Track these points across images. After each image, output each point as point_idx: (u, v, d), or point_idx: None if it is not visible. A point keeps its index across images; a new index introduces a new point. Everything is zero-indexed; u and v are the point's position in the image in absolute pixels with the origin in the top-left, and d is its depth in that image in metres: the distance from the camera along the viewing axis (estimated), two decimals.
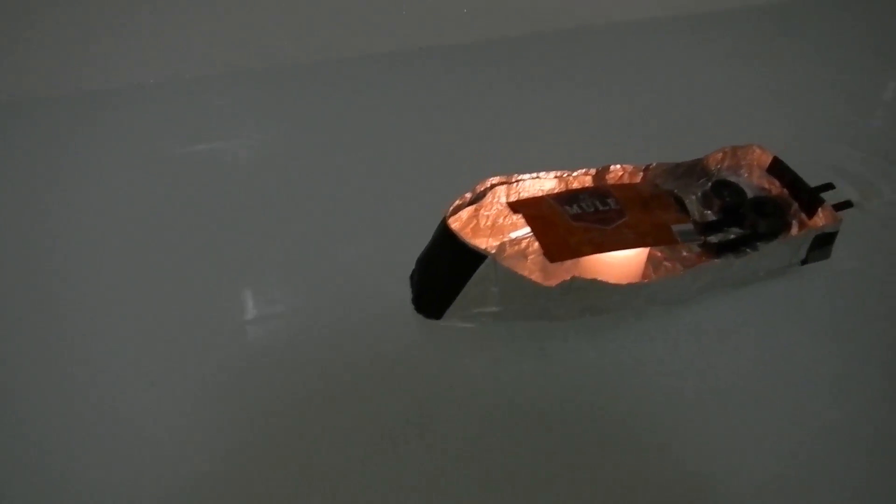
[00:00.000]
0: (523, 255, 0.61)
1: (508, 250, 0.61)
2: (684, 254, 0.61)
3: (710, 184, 0.65)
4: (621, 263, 0.58)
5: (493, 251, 0.60)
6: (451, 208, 0.56)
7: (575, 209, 0.56)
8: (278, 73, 0.88)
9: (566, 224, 0.55)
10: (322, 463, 0.49)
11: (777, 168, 0.63)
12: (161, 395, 0.53)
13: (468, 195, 0.57)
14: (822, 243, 0.60)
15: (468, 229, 0.59)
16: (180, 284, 0.61)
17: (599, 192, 0.59)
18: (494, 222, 0.60)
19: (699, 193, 0.65)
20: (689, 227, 0.58)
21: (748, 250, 0.60)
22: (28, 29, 0.79)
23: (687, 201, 0.64)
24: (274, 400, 0.53)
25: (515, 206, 0.57)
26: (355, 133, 0.79)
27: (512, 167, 0.60)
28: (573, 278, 0.53)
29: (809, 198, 0.60)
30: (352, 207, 0.69)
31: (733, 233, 0.63)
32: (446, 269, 0.54)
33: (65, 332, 0.57)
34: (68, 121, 0.79)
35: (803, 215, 0.61)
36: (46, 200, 0.70)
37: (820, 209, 0.60)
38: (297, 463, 0.49)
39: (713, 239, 0.62)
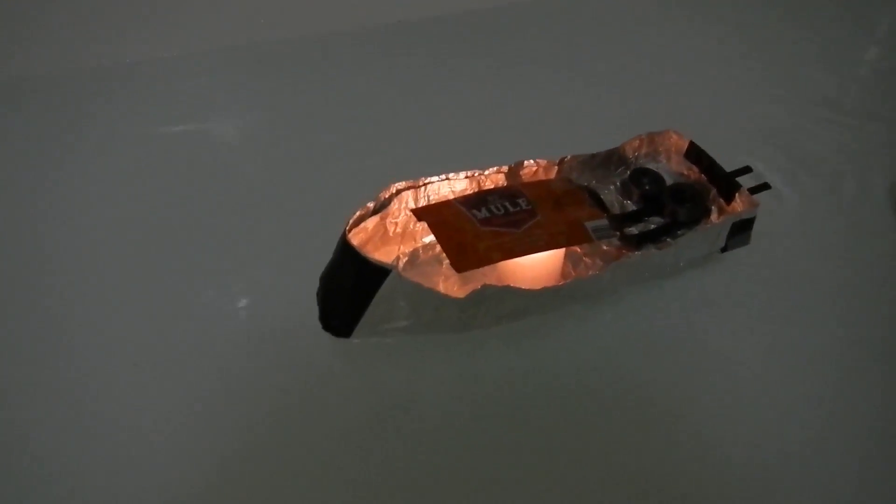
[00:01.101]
0: (438, 260, 0.58)
1: (422, 256, 0.58)
2: (604, 247, 0.59)
3: (628, 172, 0.63)
4: (539, 264, 0.56)
5: (406, 258, 0.58)
6: (353, 220, 0.52)
7: (483, 213, 0.54)
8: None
9: (474, 230, 0.53)
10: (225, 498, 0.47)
11: (694, 153, 0.61)
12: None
13: (371, 204, 0.54)
14: (741, 229, 0.58)
15: (376, 239, 0.56)
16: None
17: (510, 192, 0.56)
18: (405, 229, 0.58)
19: (618, 183, 0.63)
20: (604, 222, 0.56)
21: (668, 240, 0.58)
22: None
23: (605, 191, 0.62)
24: (184, 427, 0.50)
25: (419, 214, 0.54)
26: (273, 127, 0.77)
27: (428, 165, 0.57)
28: (484, 286, 0.51)
29: (726, 183, 0.59)
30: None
31: (654, 222, 0.61)
32: (350, 286, 0.52)
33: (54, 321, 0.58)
34: (43, 101, 0.79)
35: (722, 201, 0.59)
36: (26, 183, 0.69)
37: (737, 194, 0.58)
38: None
39: (633, 230, 0.60)
